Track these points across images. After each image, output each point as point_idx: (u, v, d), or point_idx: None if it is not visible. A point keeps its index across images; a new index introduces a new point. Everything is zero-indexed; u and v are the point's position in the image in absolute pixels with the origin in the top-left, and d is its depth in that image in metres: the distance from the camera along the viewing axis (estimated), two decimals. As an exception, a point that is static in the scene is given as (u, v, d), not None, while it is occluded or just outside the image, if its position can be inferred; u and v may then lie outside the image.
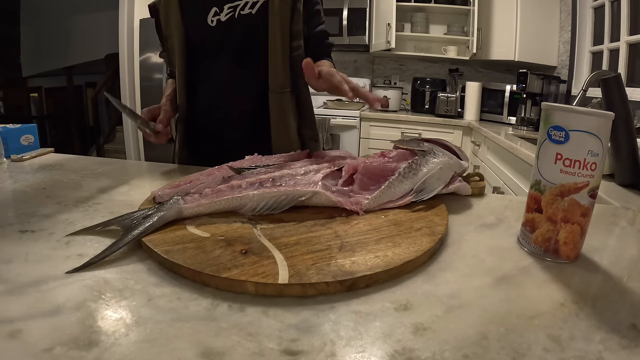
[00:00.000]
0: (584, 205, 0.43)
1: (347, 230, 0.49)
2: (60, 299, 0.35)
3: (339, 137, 2.85)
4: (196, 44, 0.90)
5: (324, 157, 0.67)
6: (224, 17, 0.87)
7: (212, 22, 0.88)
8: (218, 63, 0.90)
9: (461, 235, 0.51)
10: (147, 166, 0.87)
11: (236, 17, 0.87)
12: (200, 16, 0.88)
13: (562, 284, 0.40)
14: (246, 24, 0.87)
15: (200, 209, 0.52)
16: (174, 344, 0.30)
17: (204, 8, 0.88)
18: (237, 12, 0.87)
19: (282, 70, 0.88)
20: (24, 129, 0.93)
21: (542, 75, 2.42)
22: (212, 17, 0.88)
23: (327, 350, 0.30)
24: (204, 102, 0.93)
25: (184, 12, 0.88)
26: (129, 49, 3.44)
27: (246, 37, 0.88)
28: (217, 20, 0.87)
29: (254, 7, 0.87)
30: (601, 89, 0.91)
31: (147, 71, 3.29)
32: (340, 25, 2.95)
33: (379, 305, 0.36)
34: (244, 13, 0.87)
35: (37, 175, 0.76)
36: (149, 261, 0.43)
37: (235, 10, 0.87)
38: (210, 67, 0.91)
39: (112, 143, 4.39)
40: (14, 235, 0.49)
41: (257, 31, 0.87)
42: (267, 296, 0.37)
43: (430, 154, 0.63)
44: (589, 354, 0.30)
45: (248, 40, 0.88)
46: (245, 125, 0.93)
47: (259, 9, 0.86)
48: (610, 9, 2.18)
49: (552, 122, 0.44)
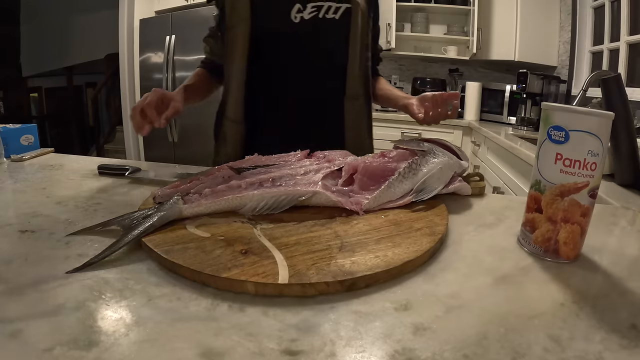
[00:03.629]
0: (584, 205, 0.43)
1: (347, 230, 0.49)
2: (60, 299, 0.35)
3: (339, 137, 2.84)
4: (268, 38, 0.87)
5: (324, 157, 0.67)
6: (307, 15, 0.86)
7: (295, 18, 0.86)
8: (294, 60, 0.89)
9: (461, 235, 0.51)
10: (147, 166, 0.87)
11: (320, 17, 0.87)
12: (279, 10, 0.87)
13: (562, 284, 0.40)
14: (330, 28, 0.88)
15: (200, 209, 0.52)
16: (174, 344, 0.30)
17: (285, 3, 0.86)
18: (321, 13, 0.87)
19: (358, 77, 0.90)
20: (24, 129, 0.93)
21: (542, 75, 2.42)
22: (295, 14, 0.86)
23: (327, 350, 0.30)
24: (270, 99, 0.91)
25: (256, 4, 0.86)
26: (129, 49, 3.45)
27: (329, 41, 0.89)
28: (301, 18, 0.86)
29: (337, 13, 0.87)
30: (601, 89, 0.91)
31: (147, 71, 3.29)
32: (340, 25, 2.95)
33: (379, 305, 0.36)
34: (328, 17, 0.87)
35: (37, 175, 0.76)
36: (149, 261, 0.43)
37: (319, 11, 0.87)
38: (282, 62, 0.89)
39: (112, 143, 4.39)
40: (14, 235, 0.49)
41: (339, 37, 0.88)
42: (267, 296, 0.37)
43: (430, 154, 0.63)
44: (589, 354, 0.30)
45: (330, 44, 0.89)
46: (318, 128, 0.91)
47: (342, 15, 0.87)
48: (610, 9, 2.18)
49: (552, 122, 0.44)
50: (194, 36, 3.03)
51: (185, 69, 3.11)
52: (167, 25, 3.12)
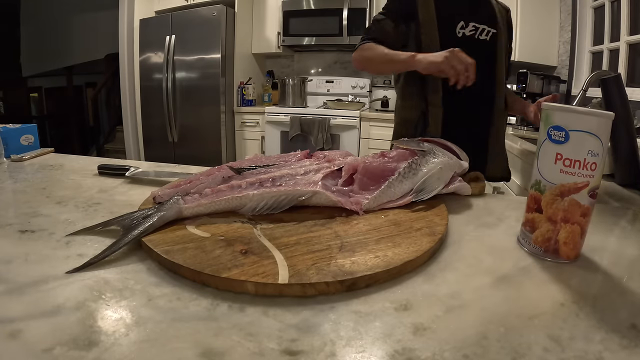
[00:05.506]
0: (584, 205, 0.43)
1: (347, 230, 0.49)
2: (60, 299, 0.35)
3: (339, 137, 2.85)
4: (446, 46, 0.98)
5: (324, 157, 0.67)
6: (468, 32, 1.03)
7: (459, 33, 1.03)
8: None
9: (461, 235, 0.51)
10: (147, 166, 0.87)
11: (475, 37, 1.03)
12: (448, 23, 1.03)
13: (562, 284, 0.40)
14: (480, 48, 1.03)
15: (200, 209, 0.52)
16: (174, 344, 0.30)
17: (454, 19, 1.03)
18: (477, 34, 1.03)
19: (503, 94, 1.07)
20: (24, 129, 0.93)
21: (542, 75, 2.42)
22: (460, 30, 1.03)
23: (327, 350, 0.30)
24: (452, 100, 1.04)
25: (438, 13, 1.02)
26: (129, 49, 3.45)
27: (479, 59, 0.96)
28: (463, 34, 1.03)
29: (487, 35, 1.04)
30: (601, 89, 0.91)
31: (147, 71, 3.29)
32: (340, 25, 2.95)
33: (379, 305, 0.36)
34: (482, 38, 1.04)
35: (37, 175, 0.76)
36: (149, 261, 0.43)
37: (476, 31, 1.03)
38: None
39: (112, 143, 4.39)
40: (14, 235, 0.49)
41: (486, 57, 1.03)
42: (267, 296, 0.37)
43: (430, 154, 0.63)
44: (589, 354, 0.30)
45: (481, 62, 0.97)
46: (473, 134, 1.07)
47: (490, 37, 1.05)
48: (610, 9, 2.18)
49: (552, 122, 0.44)
50: (194, 36, 3.03)
51: (185, 69, 3.11)
52: (167, 25, 3.12)
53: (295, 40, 3.13)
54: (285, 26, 3.14)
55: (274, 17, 3.22)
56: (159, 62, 3.19)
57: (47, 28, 4.48)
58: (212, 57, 3.00)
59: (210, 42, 2.98)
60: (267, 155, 0.71)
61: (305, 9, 3.06)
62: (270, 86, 3.41)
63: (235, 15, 3.08)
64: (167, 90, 3.17)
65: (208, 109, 3.09)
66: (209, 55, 3.00)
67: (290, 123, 2.89)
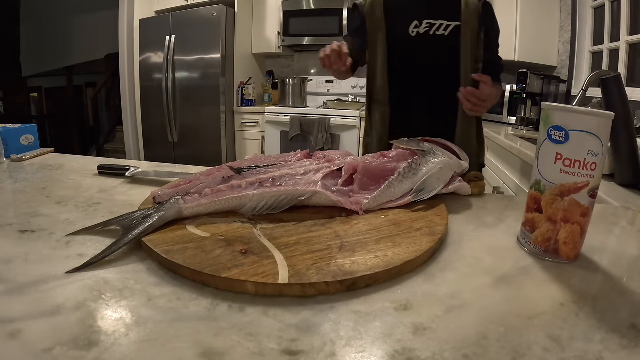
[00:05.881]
0: (584, 205, 0.43)
1: (347, 230, 0.49)
2: (60, 299, 0.35)
3: (339, 137, 2.85)
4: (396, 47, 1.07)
5: (324, 157, 0.67)
6: (422, 30, 1.05)
7: (413, 33, 1.05)
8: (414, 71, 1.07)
9: (461, 235, 0.51)
10: (147, 166, 0.87)
11: (431, 34, 1.04)
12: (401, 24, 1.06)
13: (562, 284, 0.40)
14: (438, 43, 1.04)
15: (200, 209, 0.52)
16: (174, 344, 0.30)
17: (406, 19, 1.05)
18: (432, 30, 1.04)
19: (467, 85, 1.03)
20: (24, 129, 0.93)
21: (542, 75, 2.42)
22: (413, 29, 1.05)
23: (327, 350, 0.30)
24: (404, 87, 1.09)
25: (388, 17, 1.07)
26: (129, 49, 3.45)
27: (438, 55, 1.05)
28: (417, 33, 1.05)
29: (447, 30, 1.04)
30: (601, 89, 0.91)
31: (147, 71, 3.29)
32: (340, 25, 2.95)
33: (379, 305, 0.36)
34: (439, 33, 1.04)
35: (37, 175, 0.76)
36: (149, 261, 0.43)
37: (431, 28, 1.04)
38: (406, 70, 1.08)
39: (112, 143, 4.39)
40: (14, 235, 0.49)
41: (448, 51, 1.04)
42: (267, 296, 0.37)
43: (430, 154, 0.63)
44: (589, 354, 0.30)
45: (440, 57, 1.05)
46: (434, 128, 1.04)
47: (450, 32, 1.04)
48: (610, 9, 2.18)
49: (552, 122, 0.44)
50: (194, 36, 3.03)
51: (185, 69, 3.11)
52: (167, 25, 3.12)
53: (295, 40, 3.13)
54: (285, 26, 3.14)
55: (274, 17, 3.22)
56: (159, 62, 3.19)
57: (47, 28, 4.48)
58: (212, 57, 3.00)
59: (210, 42, 2.98)
60: (267, 155, 0.71)
61: (305, 9, 3.06)
62: (270, 86, 3.41)
63: (235, 15, 3.08)
64: (167, 90, 3.18)
65: (208, 109, 3.09)
66: (209, 55, 3.00)
67: (290, 123, 2.89)
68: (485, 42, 1.07)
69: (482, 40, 1.06)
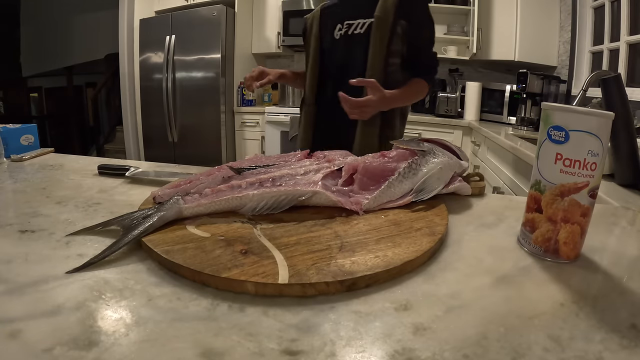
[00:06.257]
0: (584, 205, 0.43)
1: (347, 230, 0.49)
2: (60, 299, 0.35)
3: (339, 137, 2.84)
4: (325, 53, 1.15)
5: (324, 157, 0.67)
6: (343, 31, 1.10)
7: (337, 36, 1.11)
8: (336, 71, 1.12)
9: (461, 235, 0.51)
10: (147, 166, 0.87)
11: (349, 34, 1.08)
12: (330, 29, 1.13)
13: (562, 284, 0.40)
14: (355, 42, 1.07)
15: (200, 209, 0.52)
16: (174, 344, 0.30)
17: (333, 24, 1.12)
18: (350, 30, 1.08)
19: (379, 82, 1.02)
20: (24, 129, 0.93)
21: (542, 75, 2.42)
22: (337, 32, 1.11)
23: (327, 350, 0.30)
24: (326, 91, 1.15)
25: (322, 25, 1.15)
26: (129, 49, 3.45)
27: (354, 53, 1.08)
28: (340, 35, 1.11)
29: (363, 28, 1.06)
30: (601, 89, 0.91)
31: (147, 71, 3.29)
32: (340, 25, 2.95)
33: (379, 305, 0.36)
34: (356, 32, 1.07)
35: (37, 175, 0.76)
36: (149, 261, 0.43)
37: (350, 28, 1.08)
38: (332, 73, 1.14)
39: (112, 143, 4.39)
40: (14, 235, 0.49)
41: (362, 48, 1.05)
42: (267, 296, 0.37)
43: (430, 154, 0.63)
44: (589, 354, 0.30)
45: (355, 55, 1.08)
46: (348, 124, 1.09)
47: (366, 29, 1.05)
48: (610, 9, 2.18)
49: (552, 122, 0.44)
50: (194, 36, 3.04)
51: (185, 69, 3.11)
52: (167, 25, 3.12)
53: (295, 40, 3.13)
54: (285, 26, 3.14)
55: (274, 17, 3.23)
56: (159, 62, 3.19)
57: (47, 28, 4.49)
58: (212, 57, 3.00)
59: (210, 42, 2.98)
60: (267, 155, 0.71)
61: (305, 9, 3.06)
62: (270, 86, 3.41)
63: (235, 15, 3.08)
64: (167, 90, 3.18)
65: (208, 109, 3.09)
66: (209, 55, 3.00)
67: (290, 123, 2.89)
68: (408, 36, 1.04)
69: (399, 35, 1.03)
